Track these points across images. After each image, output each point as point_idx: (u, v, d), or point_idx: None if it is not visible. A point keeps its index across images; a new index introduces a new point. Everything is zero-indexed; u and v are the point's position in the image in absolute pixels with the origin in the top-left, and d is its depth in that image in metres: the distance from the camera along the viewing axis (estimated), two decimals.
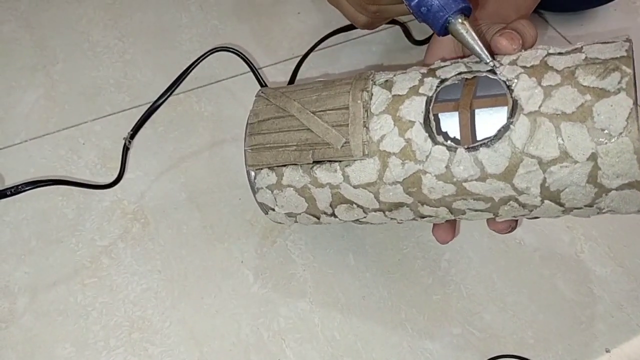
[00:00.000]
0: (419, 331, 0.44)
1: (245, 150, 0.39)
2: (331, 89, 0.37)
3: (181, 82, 0.49)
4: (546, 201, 0.31)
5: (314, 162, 0.36)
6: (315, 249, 0.48)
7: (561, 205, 0.31)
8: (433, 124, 0.32)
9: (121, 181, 0.51)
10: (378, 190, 0.34)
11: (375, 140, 0.34)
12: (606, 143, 0.28)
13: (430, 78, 0.34)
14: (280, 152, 0.37)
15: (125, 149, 0.51)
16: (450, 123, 0.34)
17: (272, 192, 0.39)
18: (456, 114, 0.33)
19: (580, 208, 0.31)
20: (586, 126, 0.28)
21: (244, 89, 0.57)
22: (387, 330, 0.44)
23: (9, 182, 0.50)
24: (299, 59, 0.58)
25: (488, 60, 0.32)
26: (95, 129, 0.54)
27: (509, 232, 0.37)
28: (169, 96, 0.50)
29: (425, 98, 0.33)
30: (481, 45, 0.32)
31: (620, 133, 0.27)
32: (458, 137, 0.34)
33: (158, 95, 0.55)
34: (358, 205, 0.36)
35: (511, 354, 0.43)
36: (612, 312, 0.45)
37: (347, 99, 0.35)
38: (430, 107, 0.33)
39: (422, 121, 0.32)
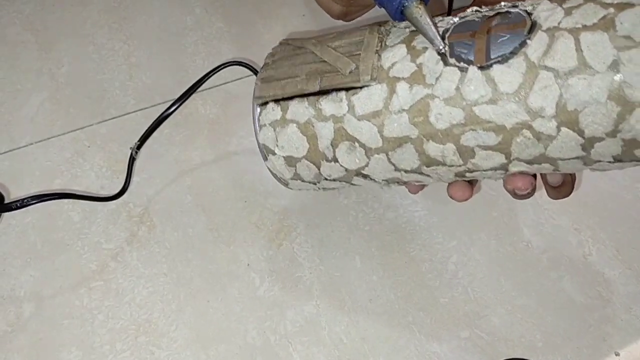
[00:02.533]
0: (426, 334, 0.43)
1: (255, 83, 0.38)
2: (350, 29, 0.37)
3: (191, 94, 0.49)
4: (563, 129, 0.28)
5: (320, 92, 0.35)
6: (321, 252, 0.47)
7: (581, 133, 0.28)
8: (447, 49, 0.31)
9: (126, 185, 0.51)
10: (383, 122, 0.33)
11: (385, 67, 0.33)
12: (629, 49, 0.26)
13: (450, 17, 0.33)
14: (289, 83, 0.36)
15: (132, 160, 0.51)
16: (466, 51, 0.32)
17: (274, 129, 0.37)
18: (473, 40, 0.31)
19: (602, 139, 0.28)
20: (608, 34, 0.27)
21: (250, 92, 0.56)
22: (394, 333, 0.44)
23: (15, 186, 0.50)
24: None
25: (441, 47, 0.31)
26: (101, 131, 0.54)
27: (528, 193, 0.34)
28: (178, 107, 0.50)
29: (442, 29, 0.32)
30: (435, 31, 0.32)
31: None
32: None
33: (163, 98, 0.55)
34: (360, 144, 0.34)
35: (519, 357, 0.43)
36: (620, 315, 0.44)
37: (364, 33, 0.35)
38: (447, 36, 0.32)
39: None
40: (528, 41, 0.29)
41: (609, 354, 0.43)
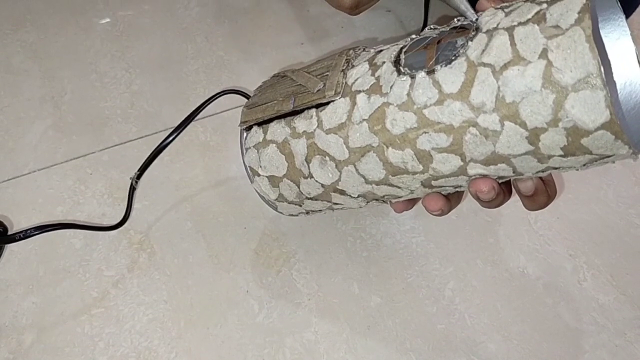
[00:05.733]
0: None
1: (242, 110, 0.41)
2: (326, 57, 0.40)
3: (188, 124, 0.50)
4: (506, 122, 0.29)
5: (295, 111, 0.37)
6: (320, 278, 0.48)
7: (523, 125, 0.29)
8: (403, 61, 0.33)
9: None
10: (347, 133, 0.35)
11: (350, 83, 0.35)
12: (557, 36, 0.27)
13: (413, 36, 0.35)
14: (268, 106, 0.39)
15: (132, 189, 0.52)
16: (419, 60, 0.33)
17: (257, 151, 0.40)
18: (425, 51, 0.33)
19: (545, 129, 0.28)
20: (539, 26, 0.28)
21: None
22: None
23: (17, 213, 0.51)
24: None
25: (473, 18, 0.32)
26: (103, 159, 0.55)
27: (493, 200, 0.34)
28: (175, 137, 0.51)
29: (400, 46, 0.35)
30: (466, 3, 0.33)
31: (572, 25, 0.27)
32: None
33: (165, 126, 0.56)
34: (330, 158, 0.36)
35: None
36: (615, 341, 0.45)
37: (335, 57, 0.38)
38: (404, 50, 0.34)
39: (392, 60, 0.34)
40: (469, 42, 0.30)
41: None
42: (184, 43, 0.64)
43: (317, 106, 0.36)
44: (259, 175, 0.41)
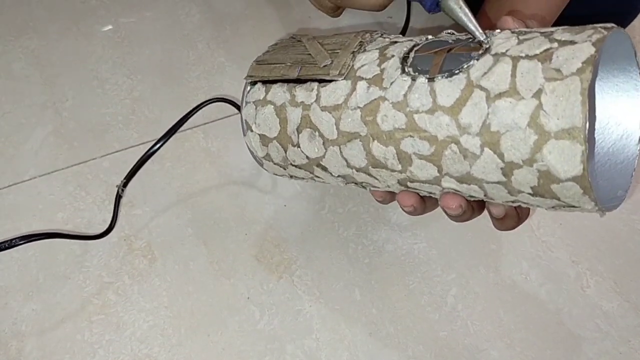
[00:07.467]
0: None
1: (251, 64, 0.42)
2: (345, 32, 0.40)
3: (174, 133, 0.50)
4: (486, 149, 0.30)
5: (299, 80, 0.38)
6: (321, 285, 0.48)
7: (501, 157, 0.29)
8: (410, 60, 0.34)
9: (127, 217, 0.51)
10: (340, 115, 0.35)
11: (355, 67, 0.36)
12: (555, 80, 0.27)
13: (425, 35, 0.36)
14: (276, 67, 0.39)
15: (118, 197, 0.51)
16: (425, 64, 0.34)
17: (255, 107, 0.40)
18: (434, 56, 0.33)
19: (520, 166, 0.29)
20: (542, 65, 0.28)
21: None
22: None
23: (18, 219, 0.51)
24: None
25: (482, 38, 0.32)
26: (104, 165, 0.55)
27: (460, 215, 0.35)
28: (162, 145, 0.51)
29: (413, 43, 0.35)
30: (475, 22, 0.33)
31: (573, 73, 0.27)
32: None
33: (165, 132, 0.56)
34: (319, 134, 0.37)
35: None
36: (619, 348, 0.45)
37: (351, 36, 0.38)
38: (414, 49, 0.34)
39: (401, 56, 0.34)
40: (474, 61, 0.31)
41: None
42: (185, 49, 0.64)
43: (320, 81, 0.37)
44: (251, 130, 0.41)
